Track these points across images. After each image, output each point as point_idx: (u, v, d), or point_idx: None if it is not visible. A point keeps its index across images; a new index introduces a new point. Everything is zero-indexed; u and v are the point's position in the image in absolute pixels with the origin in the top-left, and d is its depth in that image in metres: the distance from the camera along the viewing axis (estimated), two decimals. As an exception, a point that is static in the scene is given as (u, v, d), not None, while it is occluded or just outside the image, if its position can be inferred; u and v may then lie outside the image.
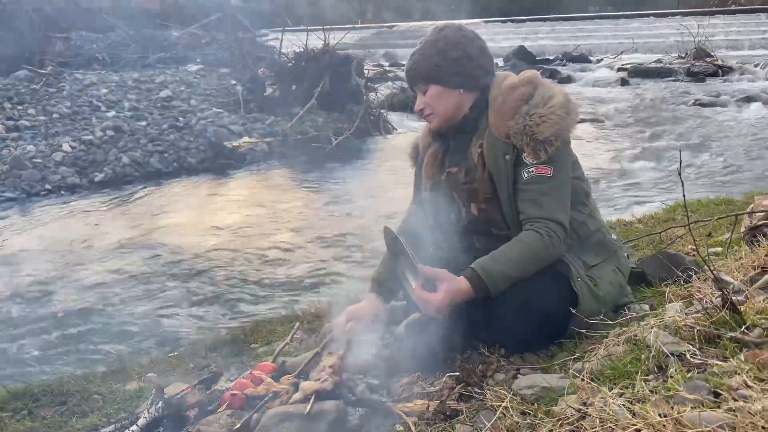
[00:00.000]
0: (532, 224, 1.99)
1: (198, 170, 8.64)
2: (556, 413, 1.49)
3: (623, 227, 4.13)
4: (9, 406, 2.82)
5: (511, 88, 2.07)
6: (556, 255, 2.01)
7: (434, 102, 2.13)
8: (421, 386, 1.97)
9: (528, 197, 2.00)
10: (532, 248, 1.96)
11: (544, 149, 1.97)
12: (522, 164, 2.01)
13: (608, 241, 2.19)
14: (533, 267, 1.98)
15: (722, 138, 9.05)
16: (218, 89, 11.84)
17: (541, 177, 1.99)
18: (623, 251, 2.32)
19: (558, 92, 2.05)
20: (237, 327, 3.71)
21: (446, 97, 2.12)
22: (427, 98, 2.14)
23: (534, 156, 1.98)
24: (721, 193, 5.22)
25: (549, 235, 1.96)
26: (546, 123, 1.96)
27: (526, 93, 2.04)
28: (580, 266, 2.06)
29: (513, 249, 1.97)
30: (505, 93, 2.07)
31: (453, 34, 2.12)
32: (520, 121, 1.99)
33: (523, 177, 2.00)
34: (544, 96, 2.02)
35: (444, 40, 2.11)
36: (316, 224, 6.24)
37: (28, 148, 8.35)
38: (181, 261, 5.36)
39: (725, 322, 1.59)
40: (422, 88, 2.15)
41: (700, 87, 13.00)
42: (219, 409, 2.05)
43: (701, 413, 1.24)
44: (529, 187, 2.00)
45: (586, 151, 8.85)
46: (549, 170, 1.99)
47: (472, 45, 2.12)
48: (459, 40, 2.11)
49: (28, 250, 5.82)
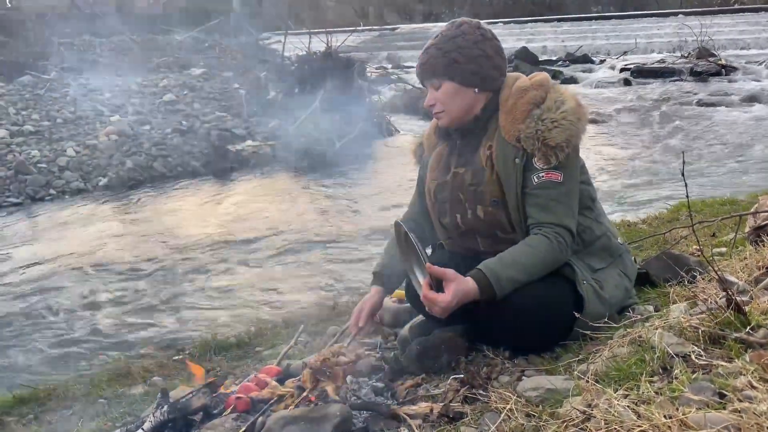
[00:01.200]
0: (540, 229, 1.98)
1: (202, 174, 8.65)
2: (561, 415, 1.49)
3: (627, 228, 4.12)
4: (15, 411, 2.84)
5: (523, 90, 2.06)
6: (562, 260, 2.01)
7: (447, 99, 2.09)
8: (425, 389, 1.97)
9: (537, 202, 2.00)
10: (541, 253, 1.95)
11: (555, 155, 1.96)
12: (532, 169, 2.00)
13: (613, 246, 2.19)
14: (540, 272, 1.97)
15: (726, 138, 9.04)
16: (221, 93, 11.87)
17: (551, 182, 1.99)
18: (630, 255, 2.31)
19: (569, 97, 2.04)
20: (241, 330, 3.72)
21: (460, 96, 2.09)
22: (440, 94, 2.10)
23: (545, 161, 1.98)
24: (726, 193, 5.22)
25: (558, 240, 1.96)
26: (558, 128, 1.96)
27: (537, 96, 2.03)
28: (586, 269, 2.06)
29: (521, 252, 1.96)
30: (516, 95, 2.06)
31: (472, 31, 2.09)
32: (532, 125, 1.98)
33: (533, 182, 2.00)
34: (557, 101, 2.01)
35: (463, 37, 2.07)
36: (320, 227, 6.25)
37: (32, 152, 8.38)
38: (185, 264, 5.37)
39: (730, 322, 1.59)
40: (436, 83, 2.10)
41: (703, 87, 12.97)
42: (224, 412, 2.06)
43: (706, 414, 1.24)
44: (539, 192, 1.99)
45: (589, 151, 8.85)
46: (559, 176, 1.99)
47: (490, 44, 2.10)
48: (478, 38, 2.08)
49: (34, 253, 5.84)
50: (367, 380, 2.19)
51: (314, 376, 1.95)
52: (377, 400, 2.03)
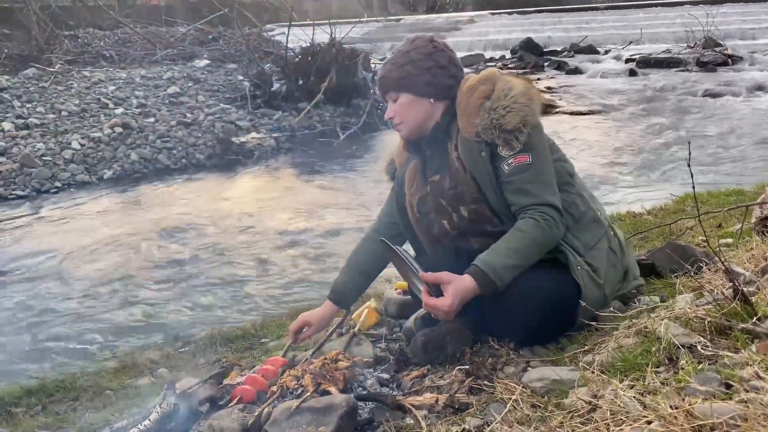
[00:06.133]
0: (525, 212, 2.00)
1: (206, 166, 8.66)
2: (567, 406, 1.49)
3: (633, 219, 4.11)
4: (23, 402, 2.86)
5: (471, 88, 2.12)
6: (555, 237, 2.01)
7: (404, 111, 2.17)
8: (430, 379, 1.98)
9: (514, 188, 2.03)
10: (530, 234, 1.96)
11: (516, 138, 2.00)
12: (499, 158, 2.04)
13: (601, 217, 2.21)
14: (535, 253, 1.99)
15: (732, 128, 8.98)
16: (226, 85, 11.85)
17: (521, 166, 2.02)
18: (611, 226, 2.30)
19: (517, 83, 2.09)
20: (247, 321, 3.73)
21: (416, 106, 2.16)
22: (397, 107, 2.19)
23: (508, 147, 2.02)
24: (732, 184, 5.19)
25: (544, 218, 1.97)
26: (511, 113, 2.01)
27: (486, 90, 2.09)
28: (580, 248, 2.07)
29: (511, 238, 1.98)
30: (467, 94, 2.12)
31: (425, 45, 2.18)
32: (485, 116, 2.03)
33: (504, 170, 2.03)
34: (504, 89, 2.06)
35: (416, 50, 2.17)
36: (325, 219, 6.25)
37: (37, 146, 8.39)
38: (191, 256, 5.39)
39: (736, 313, 1.58)
40: (393, 96, 2.19)
41: (709, 77, 12.88)
42: (230, 403, 2.07)
43: (713, 405, 1.24)
44: (513, 179, 2.02)
45: (594, 142, 8.81)
46: (527, 158, 2.02)
47: (442, 55, 2.18)
48: (430, 50, 2.17)
49: (37, 245, 5.86)
50: (372, 371, 2.20)
51: (315, 380, 1.95)
52: (383, 391, 2.04)
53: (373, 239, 2.41)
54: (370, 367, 2.23)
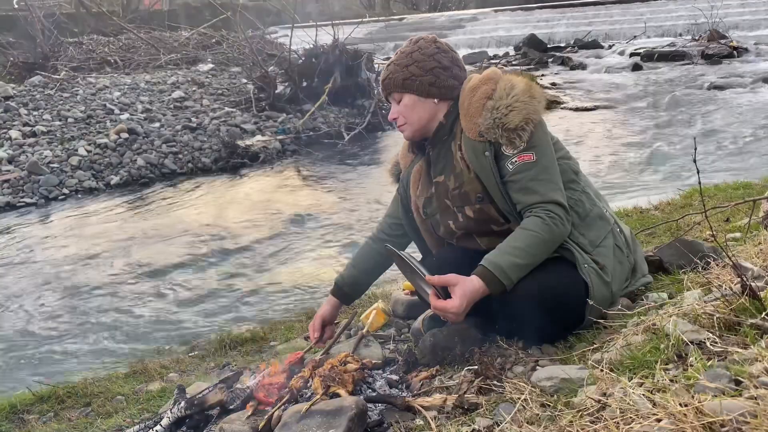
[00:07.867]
0: (530, 210, 2.00)
1: (212, 170, 8.70)
2: (576, 404, 1.49)
3: (640, 214, 4.10)
4: (35, 408, 2.88)
5: (474, 88, 2.12)
6: (562, 235, 2.00)
7: (408, 111, 2.18)
8: (439, 380, 1.98)
9: (519, 186, 2.02)
10: (536, 232, 1.96)
11: (519, 136, 2.00)
12: (503, 157, 2.04)
13: (606, 213, 2.21)
14: (541, 251, 1.98)
15: (738, 121, 8.92)
16: (230, 88, 11.89)
17: (526, 164, 2.02)
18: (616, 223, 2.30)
19: (519, 82, 2.09)
20: (256, 325, 3.75)
21: (420, 107, 2.17)
22: (401, 107, 2.19)
23: (512, 146, 2.02)
24: (739, 177, 5.16)
25: (549, 216, 1.97)
26: (514, 111, 2.01)
27: (488, 90, 2.09)
28: (586, 245, 2.06)
29: (517, 237, 1.97)
30: (469, 95, 2.12)
31: (428, 46, 2.19)
32: (488, 116, 2.03)
33: (508, 169, 2.03)
34: (506, 87, 2.07)
35: (419, 51, 2.18)
36: (332, 220, 6.26)
37: (44, 153, 8.45)
38: (199, 260, 5.41)
39: (745, 308, 1.58)
40: (397, 97, 2.20)
41: (714, 69, 12.80)
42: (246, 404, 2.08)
43: (722, 401, 1.23)
44: (517, 177, 2.02)
45: (599, 137, 8.79)
46: (531, 156, 2.02)
47: (445, 56, 2.19)
48: (433, 51, 2.18)
49: (48, 252, 5.90)
50: (381, 373, 2.20)
51: (325, 382, 1.96)
52: (392, 392, 2.04)
53: (377, 240, 2.42)
54: (379, 368, 2.24)
